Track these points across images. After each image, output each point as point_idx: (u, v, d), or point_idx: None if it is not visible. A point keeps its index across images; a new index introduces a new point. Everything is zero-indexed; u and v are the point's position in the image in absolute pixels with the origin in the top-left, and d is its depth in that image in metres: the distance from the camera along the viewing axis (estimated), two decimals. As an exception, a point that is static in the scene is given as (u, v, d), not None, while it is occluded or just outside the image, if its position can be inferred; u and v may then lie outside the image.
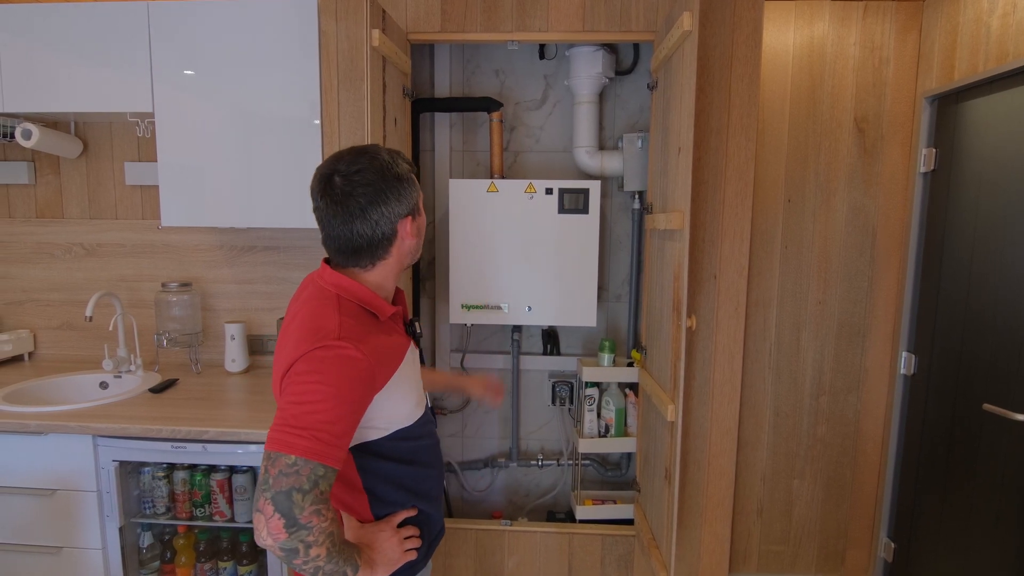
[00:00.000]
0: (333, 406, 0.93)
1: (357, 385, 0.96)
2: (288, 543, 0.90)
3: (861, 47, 2.15)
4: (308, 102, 1.97)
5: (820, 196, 2.21)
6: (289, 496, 0.89)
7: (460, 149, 2.35)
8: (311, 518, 0.91)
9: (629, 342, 2.33)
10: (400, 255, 1.11)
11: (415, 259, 1.16)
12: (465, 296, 2.13)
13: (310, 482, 0.90)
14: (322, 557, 0.94)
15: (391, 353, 1.06)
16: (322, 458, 0.91)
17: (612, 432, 2.17)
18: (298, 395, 0.94)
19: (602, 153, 2.18)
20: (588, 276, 2.10)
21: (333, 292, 1.06)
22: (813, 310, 2.26)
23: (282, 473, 0.90)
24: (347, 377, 0.95)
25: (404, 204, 1.07)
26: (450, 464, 2.46)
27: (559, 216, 2.08)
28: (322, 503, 0.93)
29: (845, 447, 2.33)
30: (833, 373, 2.30)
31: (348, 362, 0.96)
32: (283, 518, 0.89)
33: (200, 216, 2.07)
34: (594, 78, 2.10)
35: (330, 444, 0.92)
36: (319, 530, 0.92)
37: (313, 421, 0.92)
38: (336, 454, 0.94)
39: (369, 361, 0.98)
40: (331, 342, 0.96)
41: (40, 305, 2.48)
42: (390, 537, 1.12)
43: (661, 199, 1.88)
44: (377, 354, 1.01)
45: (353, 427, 0.97)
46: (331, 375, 0.94)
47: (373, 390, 1.01)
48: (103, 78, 2.01)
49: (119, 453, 1.80)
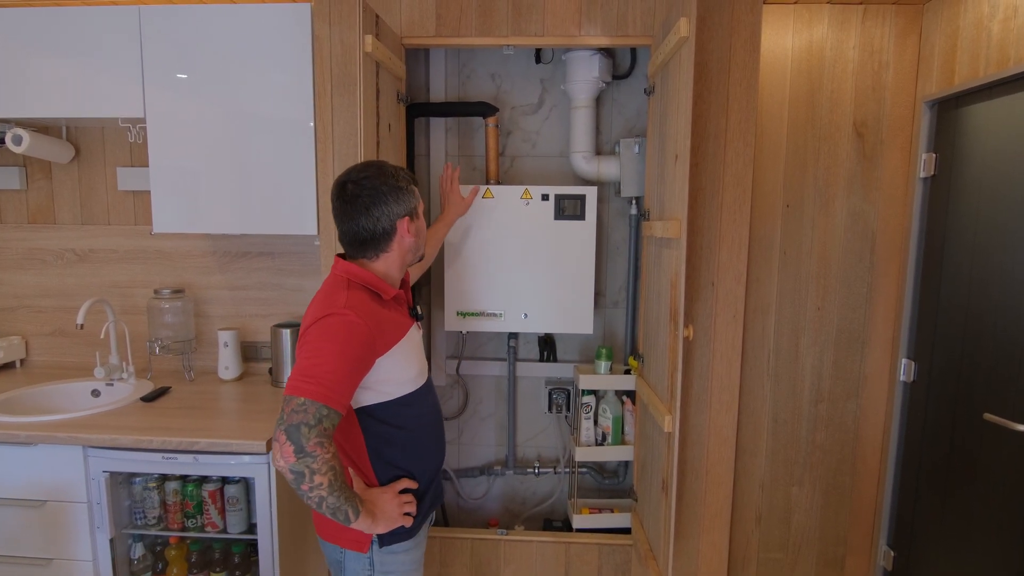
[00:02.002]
0: (336, 359, 1.14)
1: (358, 345, 1.17)
2: (296, 466, 1.11)
3: (860, 51, 2.13)
4: (302, 107, 1.95)
5: (819, 202, 2.19)
6: (298, 429, 1.11)
7: (456, 154, 2.32)
8: (315, 448, 1.11)
9: (627, 348, 2.31)
10: (401, 250, 1.32)
11: (416, 256, 1.38)
12: (460, 303, 2.11)
13: (315, 419, 1.12)
14: (324, 487, 1.14)
15: (393, 326, 1.28)
16: (326, 400, 1.12)
17: (609, 440, 2.15)
18: (309, 352, 1.16)
19: (599, 158, 2.16)
20: (584, 283, 2.08)
21: (344, 277, 1.28)
22: (812, 316, 2.24)
23: (294, 411, 1.11)
24: (349, 338, 1.16)
25: (402, 206, 1.29)
26: (446, 472, 2.44)
27: (555, 222, 2.06)
28: (325, 437, 1.13)
29: (844, 454, 2.31)
30: (832, 380, 2.28)
31: (351, 326, 1.17)
32: (293, 445, 1.11)
33: (192, 223, 2.05)
34: (590, 82, 2.08)
35: (333, 390, 1.13)
36: (322, 460, 1.12)
37: (320, 372, 1.13)
38: (338, 399, 1.14)
39: (370, 327, 1.19)
40: (338, 310, 1.18)
41: (32, 311, 2.45)
42: (392, 499, 1.29)
43: (658, 206, 1.86)
44: (379, 324, 1.22)
45: (355, 378, 1.18)
46: (337, 336, 1.16)
47: (374, 353, 1.21)
48: (94, 83, 1.99)
49: (109, 464, 1.78)
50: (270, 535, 1.77)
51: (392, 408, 1.30)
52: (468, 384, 2.43)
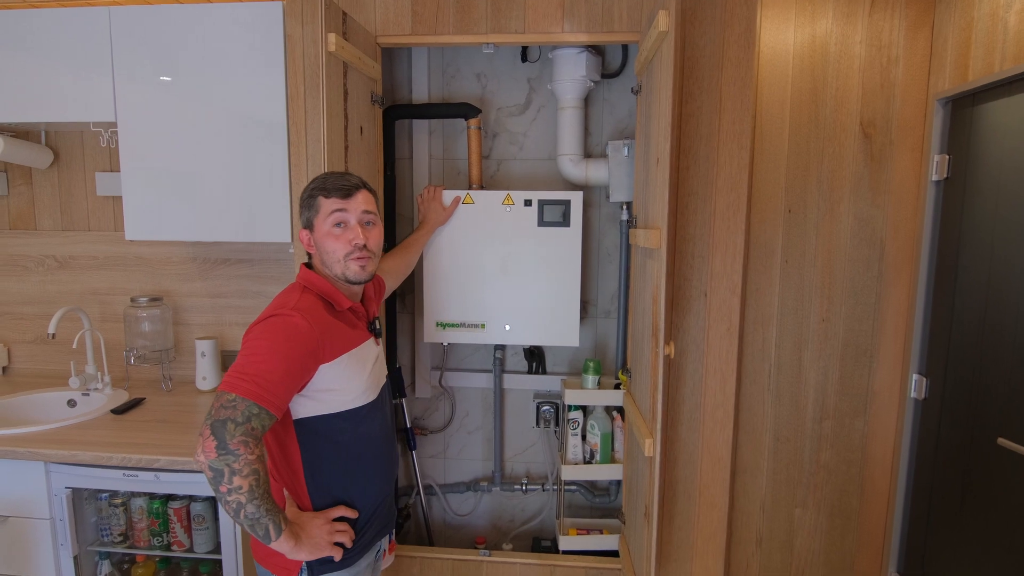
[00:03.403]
0: (272, 359, 1.10)
1: (298, 347, 1.13)
2: (216, 463, 1.06)
3: (868, 46, 1.99)
4: (275, 110, 1.87)
5: (823, 206, 2.06)
6: (224, 425, 1.06)
7: (440, 157, 2.23)
8: (239, 446, 1.06)
9: (618, 361, 2.20)
10: (318, 258, 1.29)
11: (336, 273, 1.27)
12: (440, 314, 2.01)
13: (243, 416, 1.07)
14: (243, 491, 1.07)
15: (342, 336, 1.23)
16: (257, 398, 1.08)
17: (598, 458, 2.04)
18: (248, 350, 1.12)
19: (587, 161, 2.05)
20: (570, 293, 1.97)
21: (301, 283, 1.27)
22: (816, 328, 2.11)
23: (222, 406, 1.07)
24: (290, 339, 1.13)
25: (302, 216, 1.29)
26: (431, 487, 2.35)
27: (539, 229, 1.96)
28: (251, 437, 1.07)
29: (851, 474, 2.17)
30: (838, 396, 2.14)
31: (293, 327, 1.14)
32: (216, 440, 1.06)
33: (165, 230, 1.98)
34: (578, 81, 1.97)
35: (266, 388, 1.08)
36: (244, 460, 1.07)
37: (254, 370, 1.09)
38: (270, 399, 1.09)
39: (314, 331, 1.15)
40: (283, 311, 1.16)
41: (14, 318, 2.41)
42: (321, 524, 1.22)
43: (644, 212, 1.75)
44: (326, 330, 1.18)
45: (292, 380, 1.13)
46: (277, 336, 1.13)
47: (317, 359, 1.16)
48: (65, 87, 1.93)
49: (71, 480, 1.72)
50: (234, 555, 1.69)
51: (332, 421, 1.23)
52: (454, 396, 2.34)
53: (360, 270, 1.26)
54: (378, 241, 1.30)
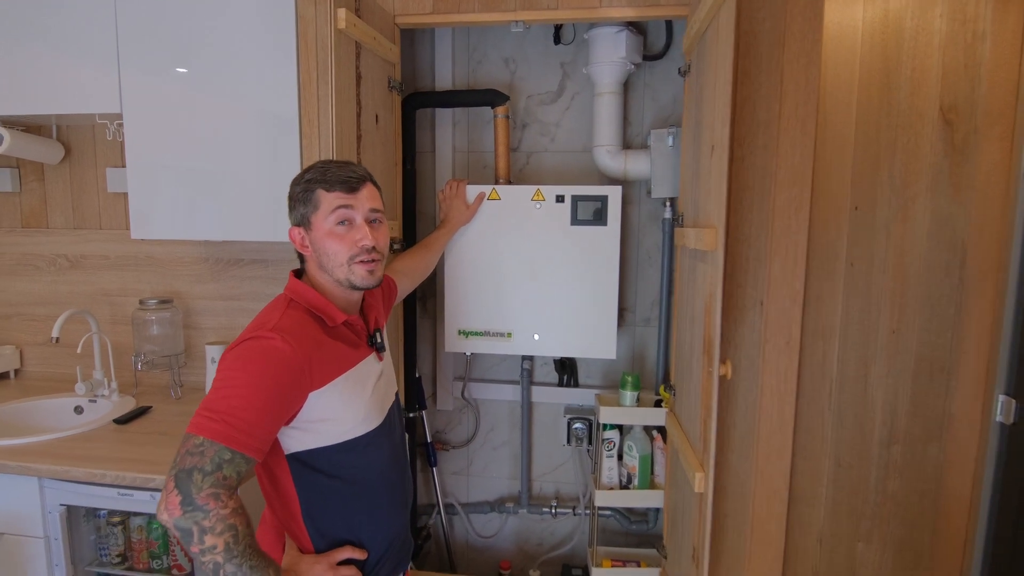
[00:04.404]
0: (248, 392, 0.93)
1: (281, 376, 0.96)
2: (182, 522, 0.90)
3: (950, 20, 1.74)
4: (287, 100, 1.72)
5: (895, 203, 1.82)
6: (190, 475, 0.90)
7: (465, 150, 2.06)
8: (208, 500, 0.90)
9: (659, 374, 1.99)
10: (311, 265, 1.13)
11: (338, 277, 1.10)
12: (463, 321, 1.84)
13: (213, 464, 0.91)
14: (219, 550, 0.91)
15: (335, 356, 1.07)
16: (229, 442, 0.91)
17: (635, 482, 1.85)
18: (219, 381, 0.96)
19: (626, 153, 1.85)
20: (606, 300, 1.78)
21: (287, 296, 1.10)
22: (885, 341, 1.87)
23: (189, 452, 0.91)
24: (269, 367, 0.96)
25: (292, 215, 1.14)
26: (452, 506, 2.18)
27: (572, 228, 1.77)
28: (223, 488, 0.92)
29: (923, 507, 1.92)
30: (909, 418, 1.89)
31: (273, 352, 0.97)
32: (180, 495, 0.90)
33: (173, 228, 1.86)
34: (617, 64, 1.77)
35: (239, 429, 0.92)
36: (216, 516, 0.91)
37: (226, 406, 0.92)
38: (245, 440, 0.92)
39: (298, 355, 0.98)
40: (262, 333, 0.98)
41: (26, 320, 2.33)
42: (323, 572, 1.07)
43: (692, 209, 1.54)
44: (316, 352, 1.02)
45: (274, 416, 0.96)
46: (253, 364, 0.96)
47: (304, 387, 1.00)
48: (70, 77, 1.82)
49: (66, 496, 1.60)
50: (236, 585, 1.55)
51: (330, 455, 1.07)
52: (479, 409, 2.16)
53: (368, 275, 1.10)
54: (386, 241, 1.14)
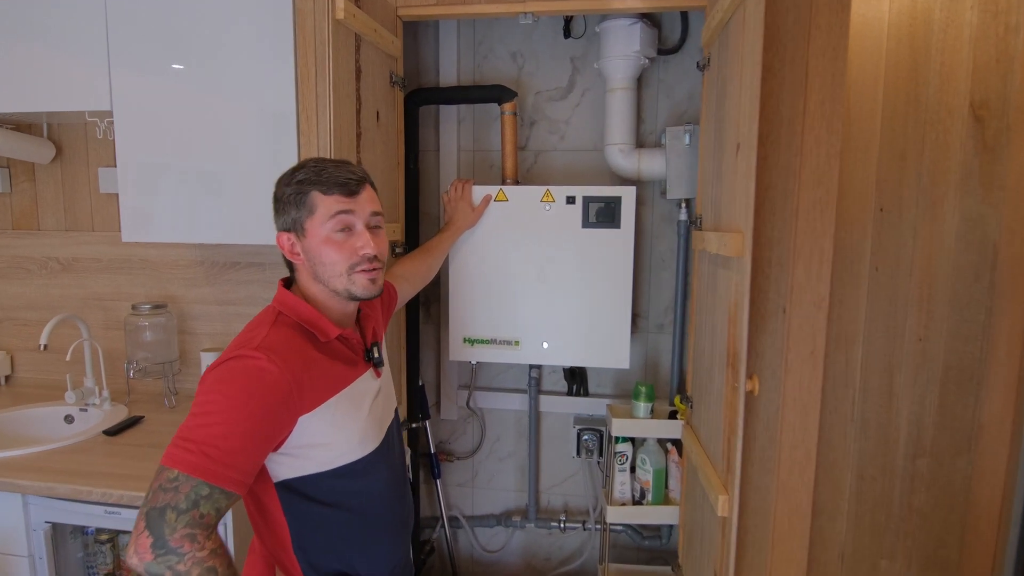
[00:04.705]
0: (229, 419, 0.85)
1: (266, 400, 0.87)
2: (154, 567, 0.81)
3: (981, 12, 1.65)
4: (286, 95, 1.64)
5: (923, 203, 1.73)
6: (163, 514, 0.81)
7: (471, 149, 1.98)
8: (182, 542, 0.81)
9: (673, 383, 1.91)
10: (303, 274, 1.03)
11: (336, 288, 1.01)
12: (468, 328, 1.76)
13: (188, 501, 0.82)
14: None
15: (327, 375, 0.98)
16: (207, 476, 0.82)
17: (649, 498, 1.76)
18: (198, 405, 0.87)
19: (640, 152, 1.77)
20: (619, 306, 1.69)
21: (276, 308, 1.01)
22: (911, 349, 1.78)
23: (161, 488, 0.82)
24: (253, 390, 0.87)
25: (281, 219, 1.03)
26: (457, 519, 2.10)
27: (583, 231, 1.68)
28: (199, 528, 0.83)
29: (950, 522, 1.83)
30: (936, 429, 1.81)
31: (257, 374, 0.88)
32: (151, 536, 0.81)
33: (166, 231, 1.77)
34: (631, 58, 1.69)
35: (219, 461, 0.83)
36: (192, 560, 0.82)
37: (204, 435, 0.84)
38: (226, 473, 0.84)
39: (286, 376, 0.89)
40: (246, 352, 0.89)
41: (18, 324, 2.26)
42: None
43: (712, 211, 1.45)
44: (305, 371, 0.93)
45: (258, 445, 0.88)
46: (235, 386, 0.87)
47: (293, 411, 0.91)
48: (57, 72, 1.74)
49: (51, 513, 1.52)
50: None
51: (323, 481, 0.98)
52: (484, 418, 2.08)
53: (370, 284, 1.02)
54: (387, 247, 1.06)
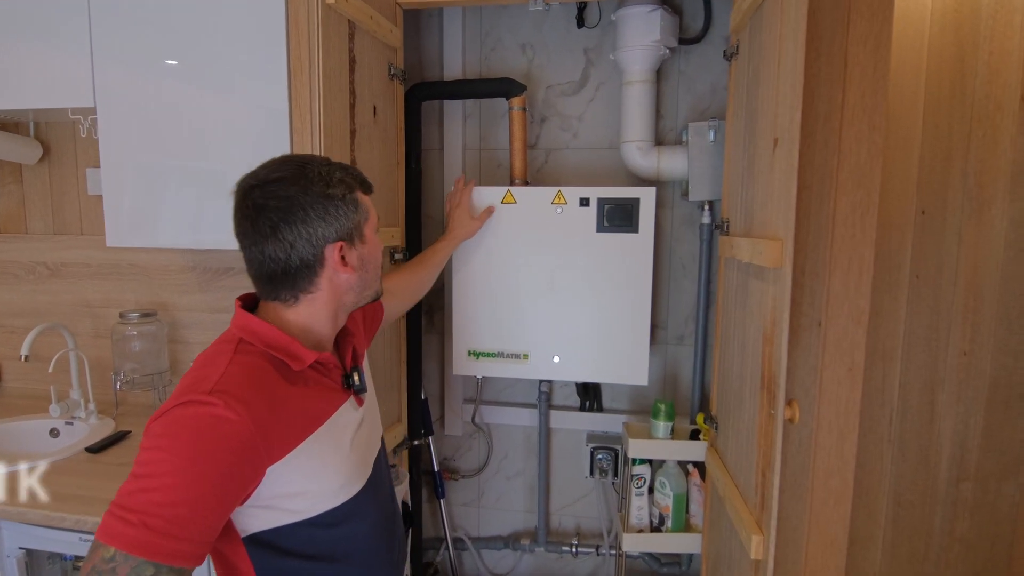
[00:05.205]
0: (177, 483, 0.70)
1: (222, 457, 0.72)
2: None
3: (1035, -4, 1.51)
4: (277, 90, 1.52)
5: (969, 207, 1.59)
6: None
7: (477, 147, 1.86)
8: None
9: (694, 399, 1.77)
10: (335, 291, 0.88)
11: (366, 297, 0.94)
12: (473, 340, 1.64)
13: None
14: None
15: (301, 414, 0.83)
16: (149, 553, 0.67)
17: (668, 524, 1.63)
18: (139, 465, 0.72)
19: (659, 149, 1.64)
20: (637, 317, 1.56)
21: (236, 335, 0.84)
22: (954, 364, 1.64)
23: (95, 570, 0.67)
24: (204, 445, 0.72)
25: (333, 226, 0.85)
26: (462, 540, 1.97)
27: (598, 235, 1.55)
28: None
29: (996, 552, 1.69)
30: (981, 451, 1.66)
31: (212, 424, 0.72)
32: None
33: (151, 235, 1.66)
34: (649, 48, 1.56)
35: (164, 533, 0.68)
36: None
37: (146, 502, 0.69)
38: (174, 546, 0.68)
39: (248, 425, 0.74)
40: (197, 396, 0.73)
41: (5, 332, 2.16)
42: None
43: (743, 214, 1.32)
44: (270, 413, 0.77)
45: (213, 509, 0.72)
46: (182, 441, 0.72)
47: (256, 463, 0.76)
48: (38, 66, 1.64)
49: (25, 539, 1.42)
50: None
51: (300, 532, 0.84)
52: (491, 434, 1.96)
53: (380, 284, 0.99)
54: None
